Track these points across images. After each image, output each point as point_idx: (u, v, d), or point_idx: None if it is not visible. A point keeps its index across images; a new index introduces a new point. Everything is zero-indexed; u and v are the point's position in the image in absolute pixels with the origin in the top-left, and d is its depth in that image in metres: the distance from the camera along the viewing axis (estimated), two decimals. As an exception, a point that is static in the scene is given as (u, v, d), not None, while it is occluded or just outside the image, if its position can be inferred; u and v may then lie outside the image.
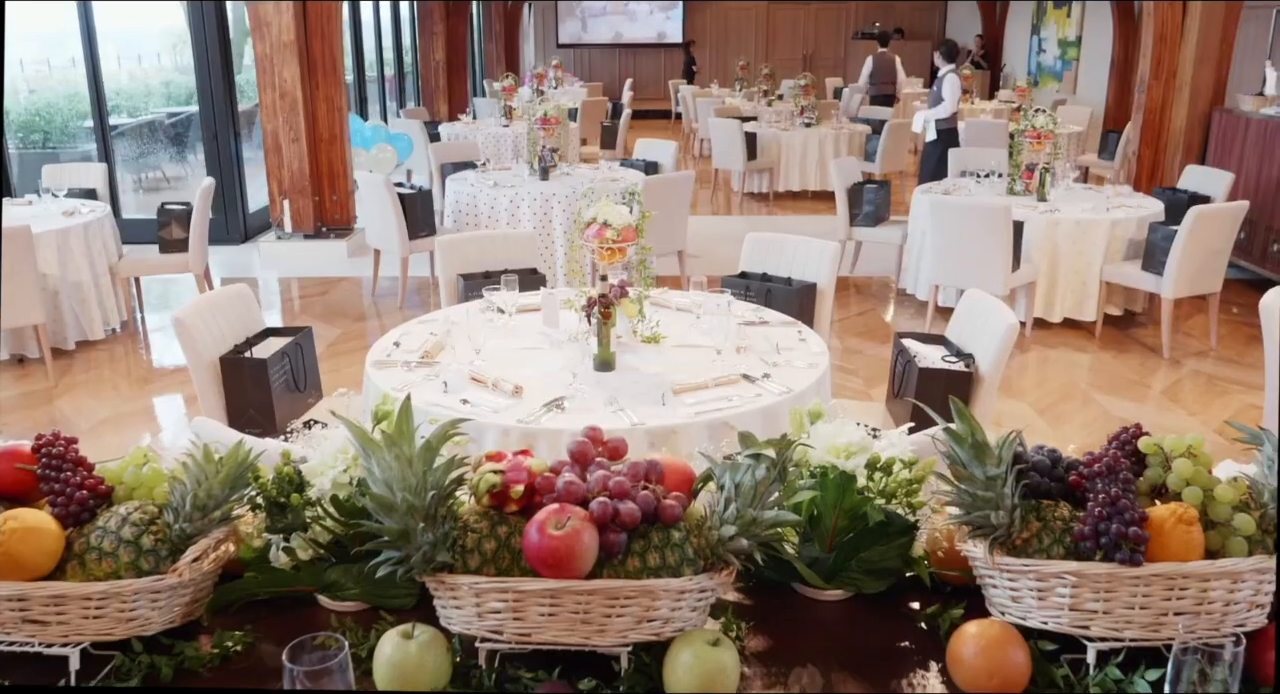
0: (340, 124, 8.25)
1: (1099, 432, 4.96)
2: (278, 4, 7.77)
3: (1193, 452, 1.35)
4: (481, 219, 6.76)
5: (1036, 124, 6.67)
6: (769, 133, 10.90)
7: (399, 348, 3.37)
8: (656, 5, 21.87)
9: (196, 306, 3.48)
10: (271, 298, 7.49)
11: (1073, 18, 15.75)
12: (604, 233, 3.13)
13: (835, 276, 4.35)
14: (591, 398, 2.93)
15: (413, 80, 15.14)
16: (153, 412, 5.32)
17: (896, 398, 3.58)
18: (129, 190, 10.66)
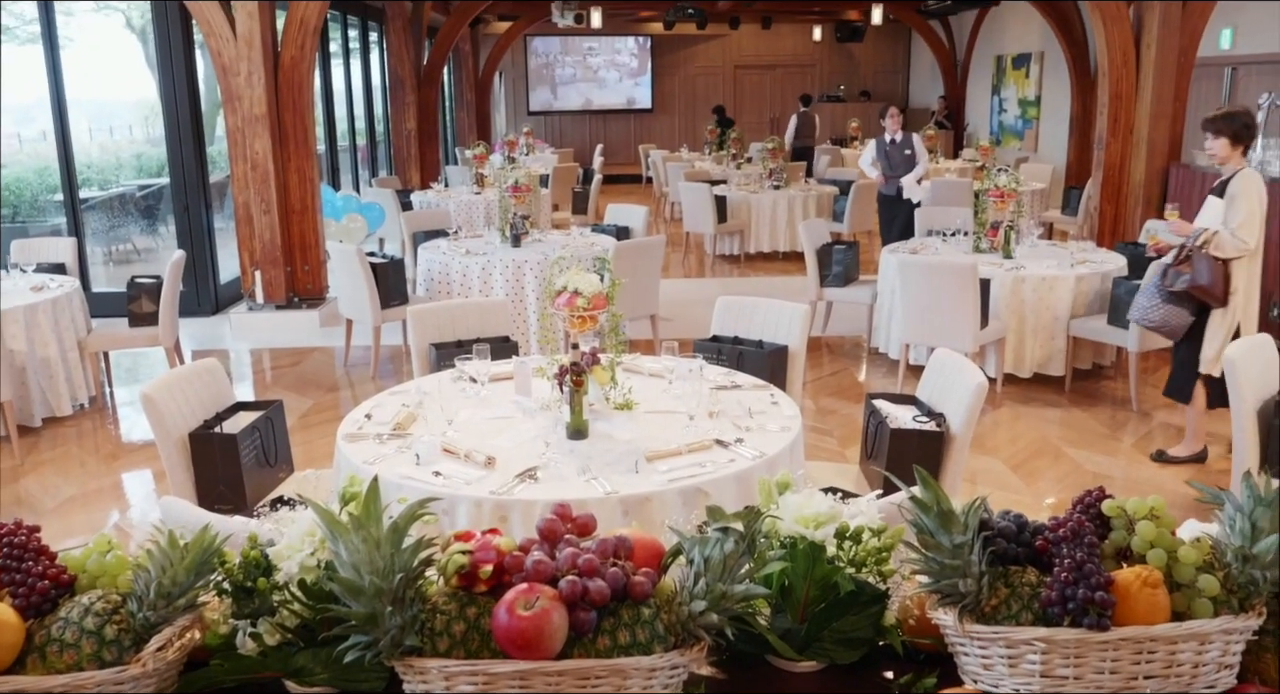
0: (312, 195, 8.29)
1: (1073, 486, 4.98)
2: (249, 77, 7.85)
3: (1155, 513, 1.37)
4: (454, 287, 6.79)
5: (1000, 183, 6.80)
6: (738, 196, 11.04)
7: (370, 420, 3.36)
8: (625, 72, 22.25)
9: (165, 382, 3.45)
10: (243, 369, 7.45)
11: (1031, 78, 16.14)
12: (575, 301, 3.15)
13: (806, 338, 4.39)
14: (564, 467, 2.92)
15: (385, 149, 15.27)
16: (121, 488, 5.25)
17: (870, 459, 3.59)
18: (99, 263, 10.64)
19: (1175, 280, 4.88)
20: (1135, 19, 8.30)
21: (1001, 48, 17.45)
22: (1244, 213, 4.75)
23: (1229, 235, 4.77)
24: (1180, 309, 4.90)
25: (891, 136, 9.38)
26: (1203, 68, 10.39)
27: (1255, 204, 4.78)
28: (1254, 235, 4.78)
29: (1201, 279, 4.78)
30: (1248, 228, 4.76)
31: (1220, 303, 4.85)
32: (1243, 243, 4.77)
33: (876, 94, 22.12)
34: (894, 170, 9.33)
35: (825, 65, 22.49)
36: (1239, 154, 4.89)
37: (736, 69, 22.36)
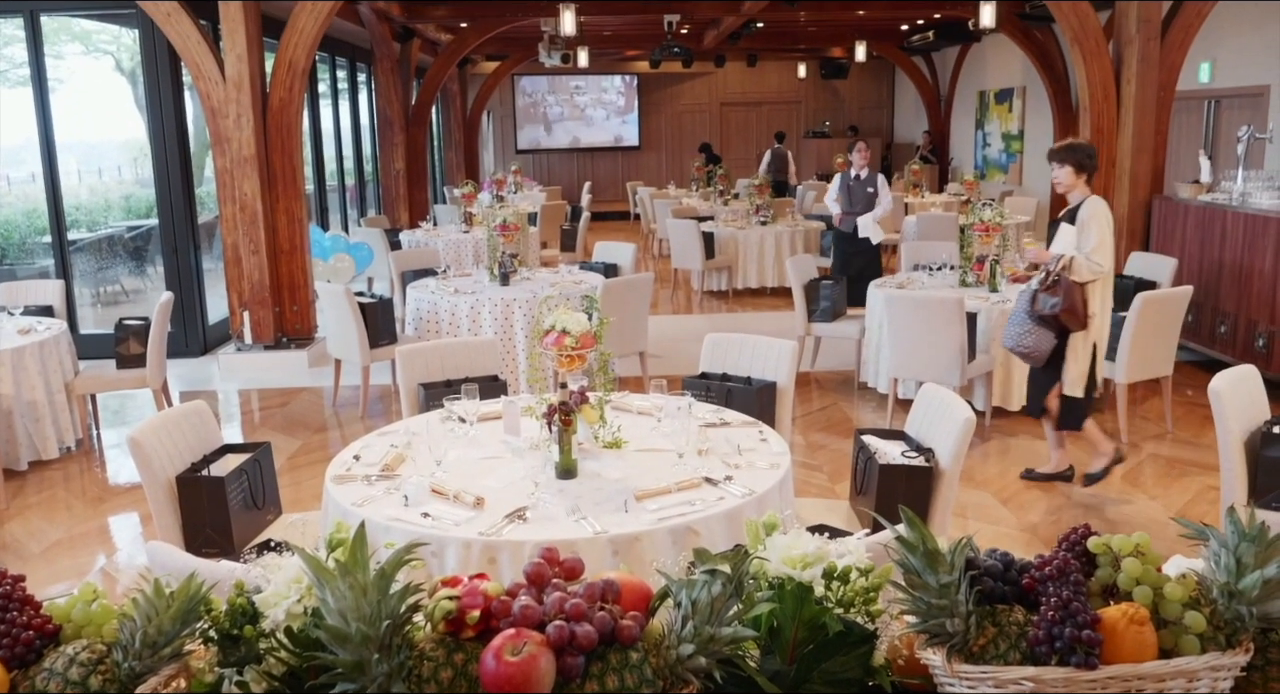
0: (300, 235, 8.31)
1: (1063, 519, 4.99)
2: (238, 119, 7.90)
3: (1140, 550, 1.37)
4: (443, 326, 6.79)
5: (984, 217, 6.85)
6: (726, 232, 11.11)
7: (359, 461, 3.35)
8: (612, 110, 22.43)
9: (152, 425, 3.44)
10: (231, 410, 7.43)
11: (1014, 112, 16.34)
12: (562, 340, 3.17)
13: (794, 375, 4.40)
14: (554, 507, 2.91)
15: (373, 188, 15.33)
16: (108, 532, 5.21)
17: (859, 495, 3.59)
18: (87, 305, 10.61)
19: (1045, 304, 5.04)
20: (1115, 54, 8.42)
21: (984, 83, 17.68)
22: (1095, 238, 4.94)
23: (1084, 260, 4.95)
24: (1048, 333, 5.07)
25: (856, 172, 9.18)
26: (1184, 101, 10.55)
27: (1105, 229, 4.97)
28: (1107, 259, 4.97)
29: (1069, 302, 4.97)
30: (1101, 252, 4.94)
31: (1082, 325, 5.04)
32: (1097, 266, 4.95)
33: (863, 129, 22.35)
34: (854, 207, 9.10)
35: (811, 102, 22.73)
36: (1083, 182, 5.09)
37: (723, 106, 22.58)
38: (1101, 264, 4.94)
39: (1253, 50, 10.35)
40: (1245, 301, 7.15)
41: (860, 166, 9.19)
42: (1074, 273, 4.98)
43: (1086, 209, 5.01)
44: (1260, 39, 10.26)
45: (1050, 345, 5.08)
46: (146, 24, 8.23)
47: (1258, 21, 10.29)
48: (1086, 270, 4.96)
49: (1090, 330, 5.06)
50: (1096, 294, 5.04)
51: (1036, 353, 5.12)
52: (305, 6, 7.88)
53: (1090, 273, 4.96)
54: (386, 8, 12.19)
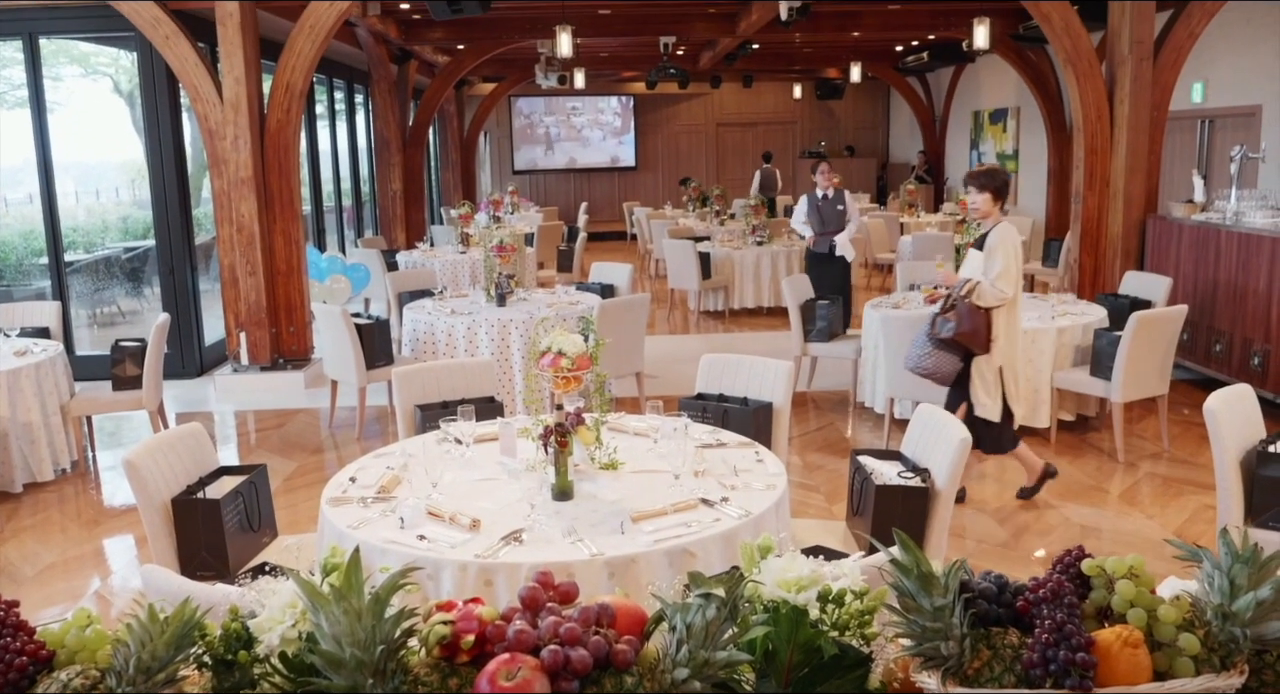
0: (297, 256, 8.33)
1: (1060, 539, 4.98)
2: (235, 141, 7.93)
3: (1134, 572, 1.37)
4: (439, 347, 6.80)
5: (978, 237, 6.87)
6: (722, 252, 11.14)
7: (355, 483, 3.35)
8: (609, 131, 22.53)
9: (148, 448, 3.44)
10: (227, 432, 7.41)
11: (1009, 132, 16.43)
12: (558, 362, 3.17)
13: (791, 395, 4.40)
14: (550, 529, 2.91)
15: (370, 209, 15.37)
16: (102, 554, 5.19)
17: (856, 516, 3.59)
18: (83, 326, 10.62)
19: (942, 328, 5.10)
20: (1108, 75, 8.47)
21: (978, 103, 17.77)
22: (1001, 264, 4.99)
23: (989, 285, 5.01)
24: (950, 356, 5.13)
25: (823, 192, 9.12)
26: (1177, 121, 10.61)
27: (1011, 256, 5.01)
28: (1011, 285, 5.02)
29: (967, 326, 5.02)
30: (1005, 278, 4.99)
31: (984, 349, 5.10)
32: (1001, 292, 5.00)
33: (859, 149, 22.46)
34: (825, 226, 9.05)
35: (806, 122, 22.84)
36: (998, 208, 5.16)
37: (719, 127, 22.68)
38: (1005, 290, 5.00)
39: (1245, 70, 10.42)
40: (1240, 320, 7.17)
41: (825, 186, 9.13)
42: (979, 298, 5.04)
43: (995, 235, 5.07)
44: (1252, 59, 10.33)
45: (953, 367, 5.15)
46: (145, 46, 8.27)
47: (1249, 42, 10.37)
48: (991, 296, 5.02)
49: (995, 355, 5.12)
50: (1002, 319, 5.10)
51: (939, 374, 5.19)
52: (303, 29, 7.93)
53: (995, 298, 5.02)
54: (384, 30, 12.25)
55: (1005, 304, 5.05)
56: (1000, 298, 5.01)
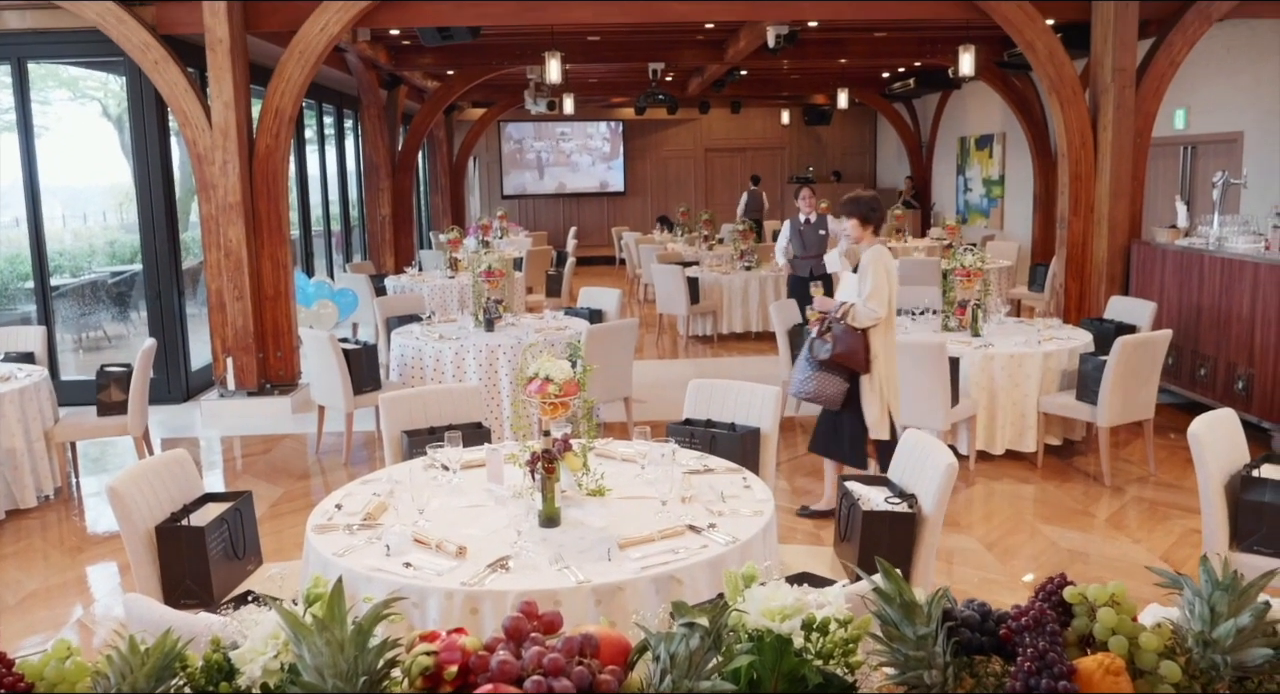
0: (285, 281, 8.32)
1: (1048, 564, 4.99)
2: (224, 166, 7.93)
3: (1116, 599, 1.38)
4: (427, 372, 6.79)
5: (965, 262, 6.92)
6: (710, 277, 11.17)
7: (340, 510, 3.34)
8: (598, 156, 22.62)
9: (132, 475, 3.42)
10: (213, 457, 7.38)
11: (995, 158, 16.55)
12: (546, 388, 3.17)
13: (778, 421, 4.41)
14: (536, 556, 2.90)
15: (359, 234, 15.38)
16: (85, 582, 5.15)
17: (843, 542, 3.59)
18: (69, 351, 10.57)
19: (820, 351, 5.27)
20: (1091, 102, 8.56)
21: (964, 129, 17.92)
22: (872, 284, 5.16)
23: (862, 306, 5.17)
24: (833, 378, 5.26)
25: (806, 217, 9.17)
26: (1160, 147, 10.72)
27: (883, 277, 5.18)
28: (883, 305, 5.18)
29: (843, 347, 5.19)
30: (876, 297, 5.16)
31: (864, 369, 5.25)
32: (873, 312, 5.16)
33: (846, 175, 22.59)
34: (807, 250, 9.08)
35: (794, 147, 22.98)
36: (870, 232, 5.34)
37: (707, 152, 22.80)
38: (878, 310, 5.16)
39: (1226, 97, 10.54)
40: (1224, 344, 7.22)
41: (807, 211, 9.20)
42: (854, 319, 5.20)
43: (866, 257, 5.24)
44: (1233, 86, 10.46)
45: (838, 389, 5.28)
46: (134, 71, 8.29)
47: (1230, 70, 10.50)
48: (865, 317, 5.18)
49: (875, 374, 5.26)
50: (878, 339, 5.25)
51: (824, 397, 5.32)
52: (293, 55, 7.96)
53: (868, 318, 5.18)
54: (374, 55, 12.31)
55: (880, 324, 5.22)
56: (873, 317, 5.18)
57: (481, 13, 8.52)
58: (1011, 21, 8.29)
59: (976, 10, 8.38)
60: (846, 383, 5.27)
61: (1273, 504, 3.72)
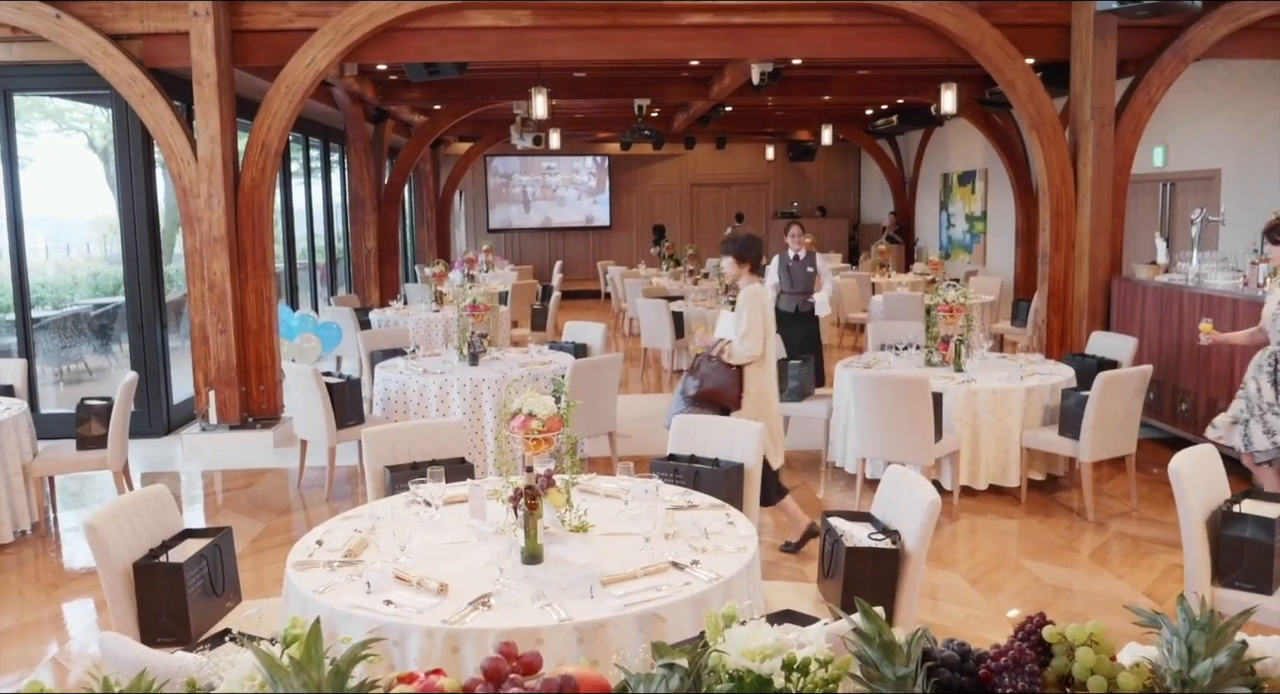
0: (269, 314, 8.30)
1: (1032, 599, 4.98)
2: (209, 199, 7.93)
3: (1095, 639, 1.38)
4: (411, 406, 6.77)
5: (948, 298, 6.96)
6: (695, 311, 11.19)
7: (321, 547, 3.31)
8: (584, 190, 22.73)
9: (111, 511, 3.39)
10: (194, 492, 7.32)
11: (977, 194, 16.71)
12: (529, 424, 3.17)
13: (763, 456, 4.41)
14: (519, 593, 2.88)
15: (344, 267, 15.38)
16: (61, 619, 5.08)
17: (827, 578, 3.58)
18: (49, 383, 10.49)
19: (689, 386, 5.41)
20: (1071, 140, 8.66)
21: (947, 165, 18.10)
22: (746, 323, 5.29)
23: (738, 343, 5.30)
24: (706, 413, 5.32)
25: (794, 253, 9.17)
26: (1139, 184, 10.85)
27: (758, 315, 5.31)
28: (758, 344, 5.32)
29: (710, 384, 5.33)
30: (750, 336, 5.29)
31: (735, 405, 5.36)
32: (748, 350, 5.29)
33: (830, 210, 22.76)
34: (794, 286, 9.07)
35: (779, 183, 23.15)
36: (746, 270, 5.49)
37: (693, 187, 22.95)
38: (752, 348, 5.29)
39: (1204, 135, 10.69)
40: (1204, 380, 7.27)
41: (797, 248, 9.19)
42: (729, 356, 5.32)
43: (742, 296, 5.39)
44: (1210, 125, 10.61)
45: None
46: (120, 103, 8.30)
47: (1207, 109, 10.66)
48: (740, 354, 5.31)
49: (746, 411, 5.36)
50: (755, 375, 5.37)
51: None
52: (280, 89, 7.99)
53: (744, 356, 5.31)
54: (361, 90, 12.38)
55: (756, 361, 5.34)
56: (748, 355, 5.30)
57: (468, 49, 8.59)
58: (992, 61, 8.41)
59: (957, 49, 8.50)
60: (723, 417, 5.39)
61: (1254, 540, 3.74)
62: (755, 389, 5.39)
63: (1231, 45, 8.57)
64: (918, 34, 8.50)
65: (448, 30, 8.29)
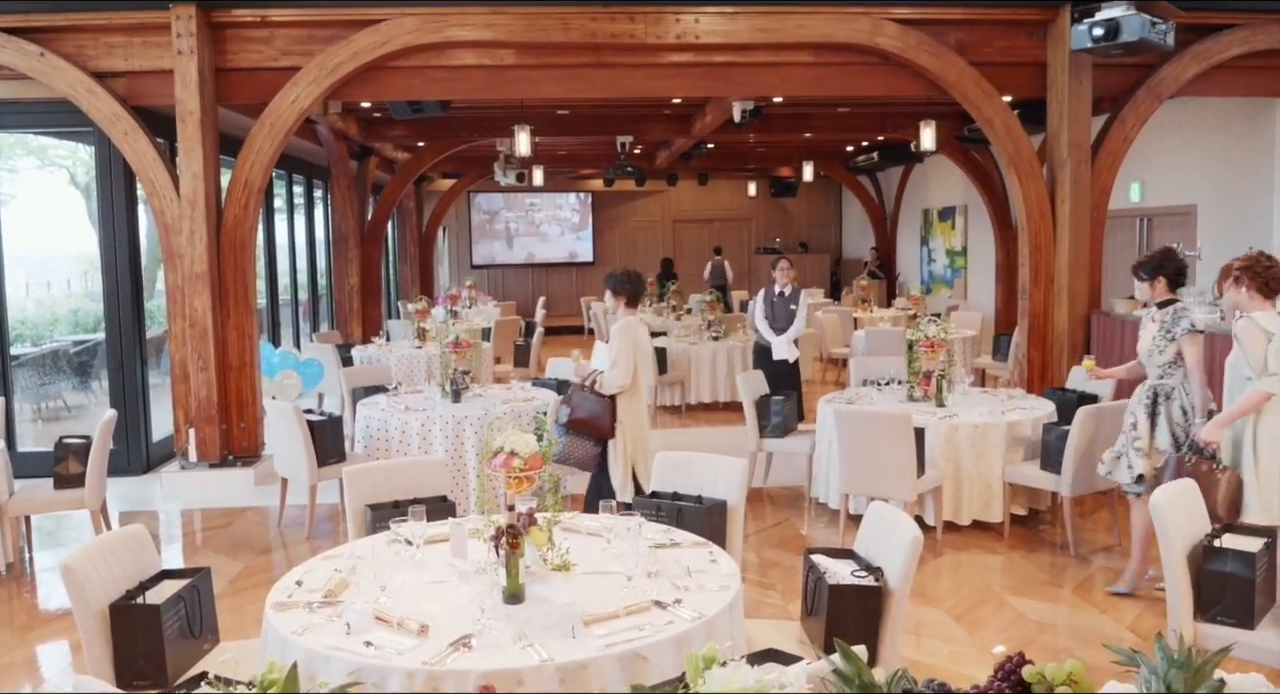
0: (250, 351, 8.26)
1: (1016, 635, 4.97)
2: (191, 236, 7.92)
3: (1073, 679, 1.38)
4: (393, 444, 6.74)
5: (930, 333, 7.00)
6: (678, 347, 11.21)
7: (301, 587, 3.28)
8: (567, 226, 22.82)
9: (87, 551, 3.35)
10: (173, 531, 7.24)
11: (957, 229, 16.85)
12: (511, 462, 3.16)
13: (745, 493, 4.40)
14: (500, 634, 2.86)
15: (327, 303, 15.35)
16: (35, 662, 5.00)
17: (810, 616, 3.57)
18: (27, 421, 10.41)
19: (561, 415, 5.60)
20: (1049, 176, 8.77)
21: (927, 201, 18.27)
22: (615, 354, 5.50)
23: (609, 374, 5.51)
24: (580, 441, 5.57)
25: (780, 289, 9.15)
26: (1117, 219, 10.97)
27: (628, 347, 5.50)
28: (626, 375, 5.50)
29: (581, 413, 5.53)
30: (619, 368, 5.49)
31: (608, 434, 5.55)
32: (616, 380, 5.48)
33: (812, 245, 22.91)
34: (776, 322, 9.06)
35: (761, 218, 23.31)
36: (623, 304, 5.74)
37: (675, 223, 23.07)
38: (620, 379, 5.47)
39: (1179, 171, 10.85)
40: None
41: (783, 284, 9.15)
42: (601, 386, 5.53)
43: (614, 328, 5.58)
44: (1185, 161, 10.77)
45: (587, 451, 5.59)
46: (103, 140, 8.30)
47: (1182, 145, 10.82)
48: (609, 385, 5.51)
49: (620, 438, 5.55)
50: (626, 404, 5.54)
51: (571, 459, 5.59)
52: (263, 126, 8.02)
53: (614, 386, 5.51)
54: (345, 127, 12.43)
55: (627, 391, 5.51)
56: (617, 385, 5.49)
57: (452, 87, 8.65)
58: (970, 99, 8.52)
59: (936, 87, 8.61)
60: (597, 447, 5.58)
61: (1235, 574, 3.75)
62: (628, 418, 5.59)
63: (1204, 83, 8.73)
64: (897, 73, 8.62)
65: (431, 69, 8.35)
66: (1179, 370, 5.21)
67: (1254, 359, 4.66)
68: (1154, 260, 5.37)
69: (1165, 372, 5.24)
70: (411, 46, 8.06)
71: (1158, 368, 5.26)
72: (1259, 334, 4.67)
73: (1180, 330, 5.15)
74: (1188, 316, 5.19)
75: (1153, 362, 5.29)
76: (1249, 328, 4.72)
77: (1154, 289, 5.36)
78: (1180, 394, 5.18)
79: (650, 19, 8.16)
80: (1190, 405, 5.16)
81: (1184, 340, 5.16)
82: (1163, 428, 5.19)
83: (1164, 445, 5.16)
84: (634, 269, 5.98)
